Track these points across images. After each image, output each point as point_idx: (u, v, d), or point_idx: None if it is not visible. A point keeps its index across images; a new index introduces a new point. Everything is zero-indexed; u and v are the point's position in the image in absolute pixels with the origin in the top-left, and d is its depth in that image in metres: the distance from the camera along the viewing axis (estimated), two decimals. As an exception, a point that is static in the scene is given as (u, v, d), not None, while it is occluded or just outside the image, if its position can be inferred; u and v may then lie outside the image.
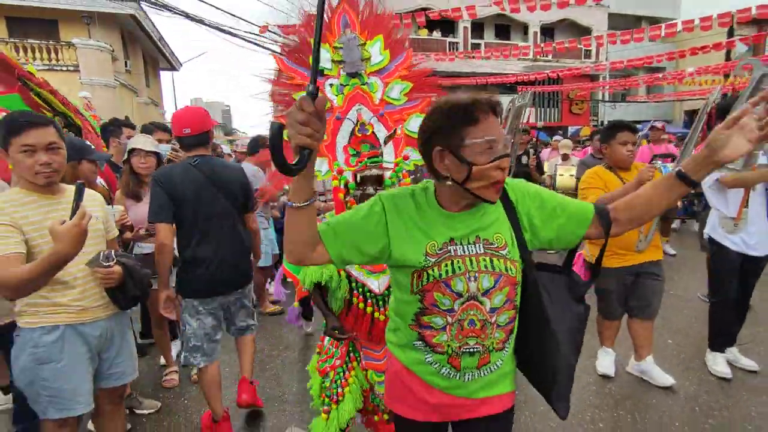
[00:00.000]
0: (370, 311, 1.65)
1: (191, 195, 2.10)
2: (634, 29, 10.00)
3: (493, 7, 8.38)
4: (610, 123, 2.85)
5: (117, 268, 1.57)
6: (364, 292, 1.66)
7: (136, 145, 2.52)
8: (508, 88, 16.70)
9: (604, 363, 2.89)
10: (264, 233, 3.76)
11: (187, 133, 2.14)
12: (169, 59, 20.11)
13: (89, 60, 13.54)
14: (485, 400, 1.14)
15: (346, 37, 1.67)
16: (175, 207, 2.08)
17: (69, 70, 13.39)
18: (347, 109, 1.71)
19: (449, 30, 19.28)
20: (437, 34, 18.91)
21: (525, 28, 20.42)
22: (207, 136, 2.20)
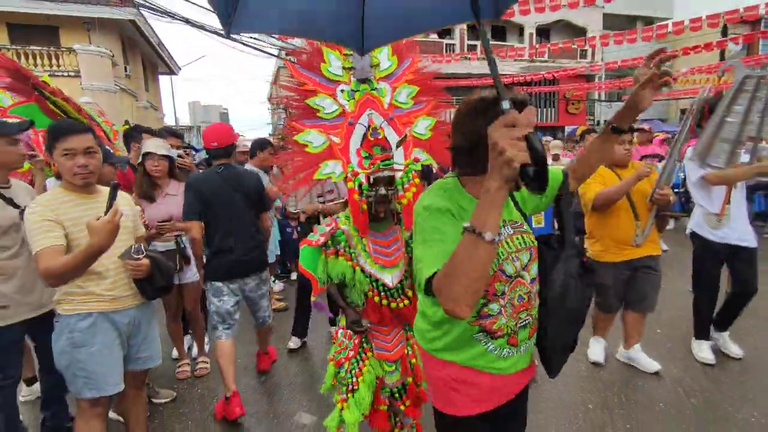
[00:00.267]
0: (386, 303, 1.72)
1: (217, 198, 2.51)
2: (627, 30, 10.20)
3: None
4: (606, 123, 2.98)
5: (145, 261, 1.73)
6: (378, 286, 1.73)
7: (149, 149, 2.67)
8: (507, 88, 16.83)
9: (596, 351, 3.03)
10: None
11: (214, 146, 2.58)
12: (167, 63, 20.26)
13: (90, 65, 13.66)
14: (529, 367, 1.25)
15: None
16: (205, 207, 2.49)
17: (70, 76, 13.51)
18: (359, 114, 1.77)
19: (446, 32, 19.47)
20: (434, 36, 19.11)
21: (521, 30, 20.61)
22: (231, 148, 2.65)
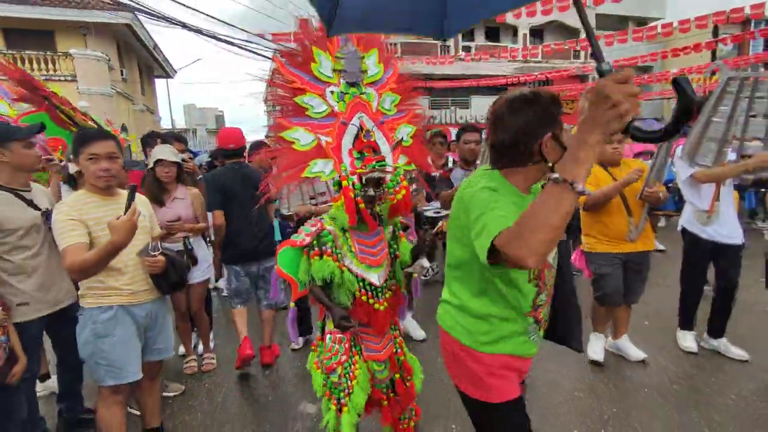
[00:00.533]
0: (372, 302, 1.75)
1: (233, 191, 2.95)
2: (618, 32, 10.40)
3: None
4: None
5: (161, 258, 1.86)
6: (365, 286, 1.75)
7: (161, 156, 2.78)
8: (500, 89, 17.10)
9: (596, 349, 3.02)
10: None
11: (231, 147, 3.08)
12: (163, 66, 20.32)
13: (86, 69, 13.73)
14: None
15: (348, 49, 1.77)
16: (225, 199, 2.95)
17: (66, 80, 13.55)
18: (350, 115, 1.80)
19: (440, 33, 19.64)
20: (428, 38, 19.27)
21: (514, 31, 20.84)
22: (243, 149, 3.19)
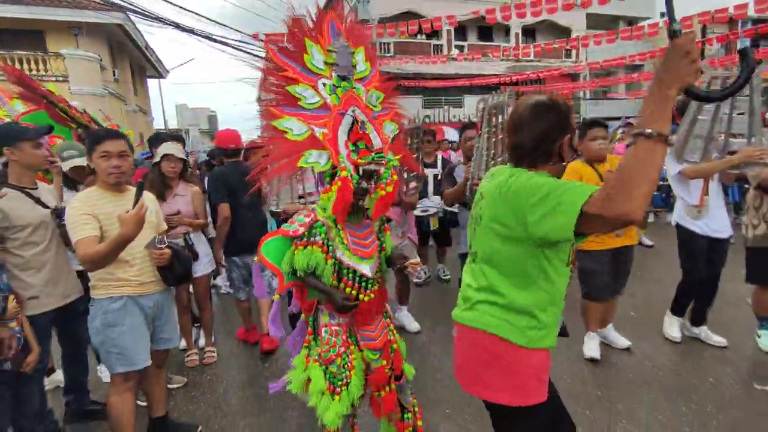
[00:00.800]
0: (355, 293, 1.75)
1: (234, 187, 3.20)
2: (607, 32, 10.60)
3: (474, 15, 8.89)
4: (582, 121, 3.17)
5: (167, 251, 1.96)
6: (354, 278, 1.76)
7: (168, 151, 2.87)
8: (492, 88, 17.25)
9: (591, 346, 3.05)
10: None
11: (232, 147, 3.46)
12: (156, 67, 20.24)
13: (78, 70, 13.65)
14: None
15: (339, 43, 1.79)
16: (229, 193, 3.20)
17: (58, 81, 13.45)
18: (345, 107, 1.79)
19: (433, 33, 19.77)
20: (421, 37, 19.41)
21: (507, 30, 21.03)
22: (241, 149, 3.56)
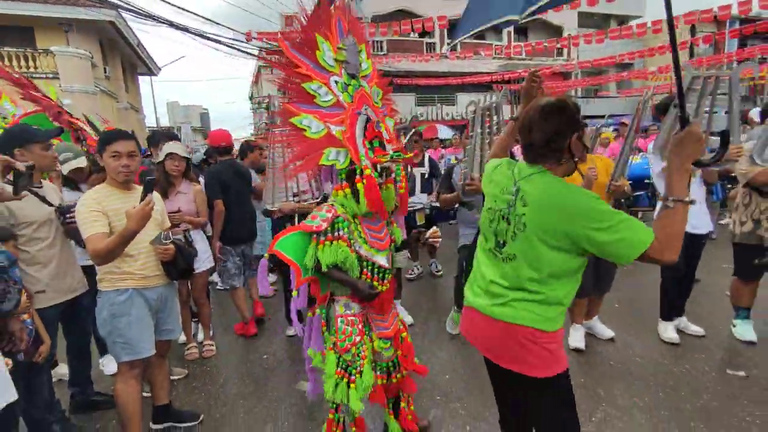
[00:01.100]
0: (375, 284, 1.82)
1: (227, 184, 3.46)
2: (596, 31, 10.78)
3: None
4: None
5: (171, 246, 2.06)
6: (373, 269, 1.83)
7: (173, 150, 2.93)
8: (485, 86, 17.42)
9: (576, 338, 3.18)
10: (261, 225, 4.23)
11: (223, 146, 3.67)
12: (147, 64, 20.11)
13: (69, 67, 13.51)
14: None
15: (349, 41, 1.81)
16: (224, 190, 3.43)
17: (48, 78, 13.32)
18: (359, 106, 1.81)
19: (426, 31, 19.88)
20: (414, 35, 19.50)
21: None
22: (232, 148, 3.84)
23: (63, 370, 2.84)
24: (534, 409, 1.55)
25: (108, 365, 3.04)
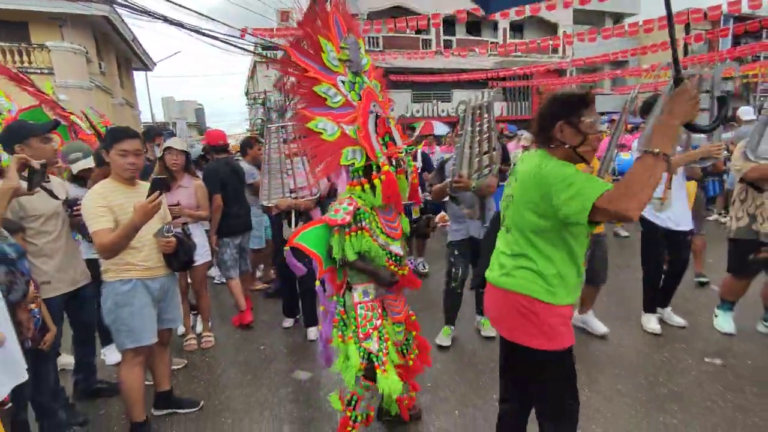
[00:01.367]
0: (396, 269, 1.97)
1: (225, 180, 3.65)
2: (589, 29, 10.90)
3: (462, 11, 9.09)
4: None
5: (173, 239, 2.16)
6: (390, 257, 1.95)
7: (171, 144, 3.02)
8: (480, 83, 17.52)
9: None
10: (258, 220, 4.33)
11: (221, 144, 4.03)
12: (142, 59, 20.03)
13: (63, 62, 13.44)
14: None
15: (350, 39, 1.84)
16: (222, 185, 3.60)
17: (43, 73, 13.27)
18: (367, 103, 1.84)
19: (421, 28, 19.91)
20: (410, 32, 19.51)
21: (495, 25, 21.24)
22: (228, 145, 4.11)
23: (65, 360, 2.93)
24: (536, 385, 1.61)
25: (109, 355, 3.13)
